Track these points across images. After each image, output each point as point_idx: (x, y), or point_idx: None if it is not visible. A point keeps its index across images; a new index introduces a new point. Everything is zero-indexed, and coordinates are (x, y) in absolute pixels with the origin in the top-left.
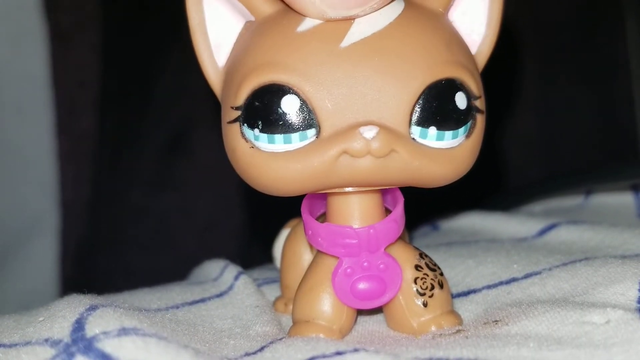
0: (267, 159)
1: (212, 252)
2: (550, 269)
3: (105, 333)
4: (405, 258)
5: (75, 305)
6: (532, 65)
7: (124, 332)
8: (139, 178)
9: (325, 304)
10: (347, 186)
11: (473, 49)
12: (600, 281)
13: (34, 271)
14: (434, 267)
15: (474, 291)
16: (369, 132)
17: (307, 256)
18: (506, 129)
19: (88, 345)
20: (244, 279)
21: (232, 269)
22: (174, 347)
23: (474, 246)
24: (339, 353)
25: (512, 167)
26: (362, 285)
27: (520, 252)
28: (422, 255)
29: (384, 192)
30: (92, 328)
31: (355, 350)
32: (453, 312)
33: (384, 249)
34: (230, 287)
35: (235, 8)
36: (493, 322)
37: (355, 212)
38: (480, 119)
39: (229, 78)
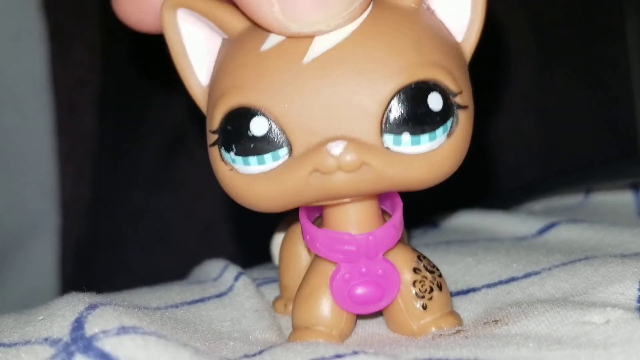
0: (246, 180)
1: (212, 252)
2: (549, 269)
3: (104, 332)
4: (403, 261)
5: (74, 304)
6: (532, 65)
7: (123, 330)
8: (139, 177)
9: (324, 310)
10: (325, 201)
11: (459, 37)
12: (600, 280)
13: (33, 271)
14: (432, 269)
15: (473, 290)
16: (337, 148)
17: (305, 256)
18: (506, 128)
19: (87, 344)
20: (244, 280)
21: (232, 270)
22: (173, 345)
23: (473, 245)
24: (338, 356)
25: (512, 166)
26: (359, 291)
27: (519, 250)
28: (420, 257)
29: (382, 197)
30: (92, 327)
31: (355, 353)
32: (453, 313)
33: (383, 254)
34: (230, 288)
35: (211, 27)
36: (493, 322)
37: (352, 219)
38: (464, 115)
39: (209, 100)
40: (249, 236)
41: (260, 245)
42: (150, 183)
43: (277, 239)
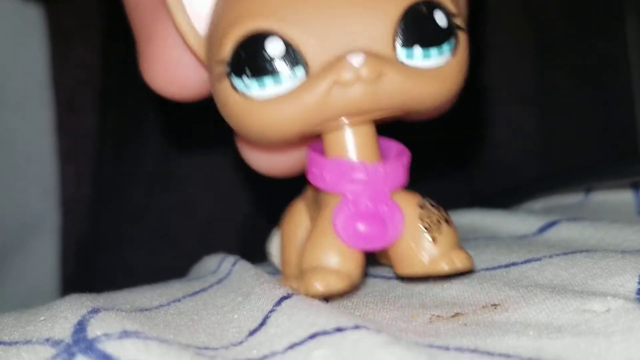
0: (260, 105)
1: (212, 250)
2: (550, 256)
3: (106, 335)
4: (408, 200)
5: (77, 306)
6: (532, 64)
7: (125, 334)
8: (140, 176)
9: (332, 249)
10: (343, 117)
11: None
12: (599, 273)
13: (34, 269)
14: (438, 207)
15: (471, 272)
16: (357, 59)
17: (308, 226)
18: (505, 127)
19: (89, 346)
20: (242, 264)
21: (230, 259)
22: (175, 349)
23: (473, 242)
24: (339, 329)
25: (512, 165)
26: (364, 225)
27: (520, 246)
28: (424, 196)
29: (386, 150)
30: (94, 330)
31: (357, 327)
32: (462, 249)
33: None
34: (229, 273)
35: None
36: (492, 305)
37: (358, 147)
38: (463, 37)
39: (211, 40)
40: (249, 235)
41: (261, 244)
42: (151, 182)
43: (275, 238)
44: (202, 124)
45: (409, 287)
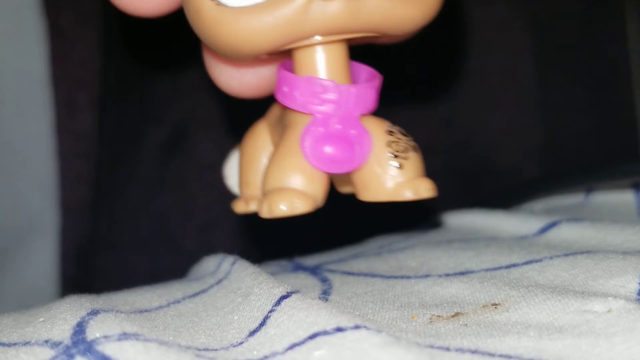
0: (235, 14)
1: (212, 251)
2: (551, 257)
3: (106, 337)
4: (376, 125)
5: (76, 308)
6: (532, 64)
7: (124, 336)
8: (139, 177)
9: (298, 170)
10: (320, 34)
11: None
12: (600, 274)
13: (34, 270)
14: (406, 134)
15: (472, 272)
16: None
17: (271, 148)
18: (506, 127)
19: (88, 348)
20: (240, 263)
21: (229, 259)
22: (175, 350)
23: (474, 242)
24: (340, 329)
25: (512, 165)
26: (332, 147)
27: (521, 246)
28: (393, 124)
29: (357, 74)
30: (93, 331)
31: (357, 327)
32: (428, 179)
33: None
34: (228, 273)
35: None
36: (492, 305)
37: (329, 66)
38: None
39: None
40: (249, 236)
41: (261, 244)
42: (150, 182)
43: (233, 160)
44: (201, 124)
45: (407, 286)
